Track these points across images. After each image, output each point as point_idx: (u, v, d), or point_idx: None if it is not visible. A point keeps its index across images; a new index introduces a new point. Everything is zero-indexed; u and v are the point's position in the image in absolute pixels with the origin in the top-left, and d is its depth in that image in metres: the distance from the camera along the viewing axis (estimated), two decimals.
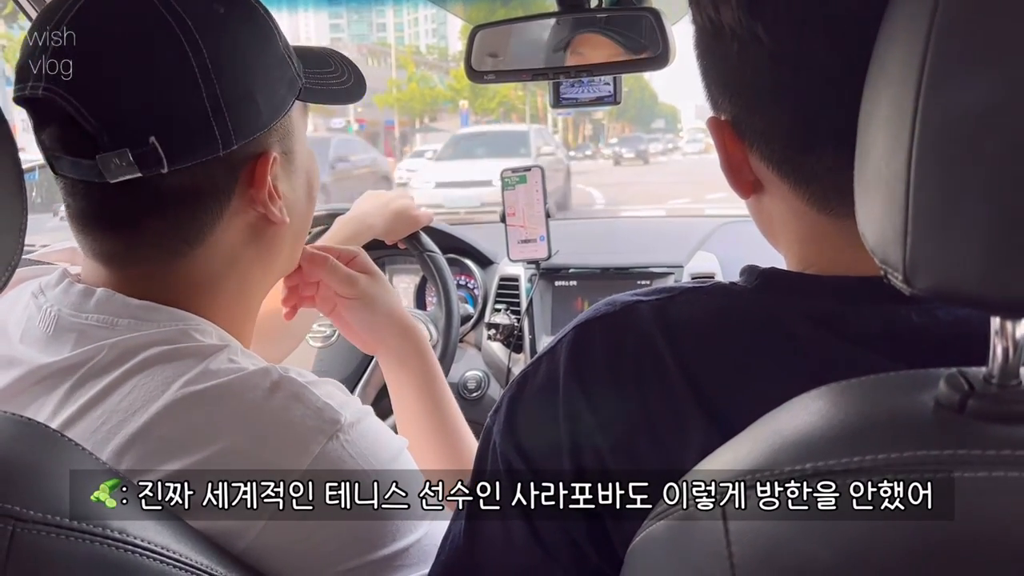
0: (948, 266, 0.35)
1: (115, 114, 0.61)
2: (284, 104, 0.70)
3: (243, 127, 0.65)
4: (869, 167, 0.39)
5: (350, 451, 0.62)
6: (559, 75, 1.18)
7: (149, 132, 0.61)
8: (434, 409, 0.92)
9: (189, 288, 0.68)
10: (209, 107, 0.63)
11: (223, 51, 0.64)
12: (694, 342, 0.52)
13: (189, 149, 0.63)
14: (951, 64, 0.34)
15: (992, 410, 0.35)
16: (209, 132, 0.63)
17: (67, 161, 0.63)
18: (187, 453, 0.58)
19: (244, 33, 0.67)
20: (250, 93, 0.66)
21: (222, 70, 0.63)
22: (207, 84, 0.63)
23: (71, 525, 0.45)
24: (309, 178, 0.77)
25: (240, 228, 0.70)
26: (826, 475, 0.35)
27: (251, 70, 0.66)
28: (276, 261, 0.76)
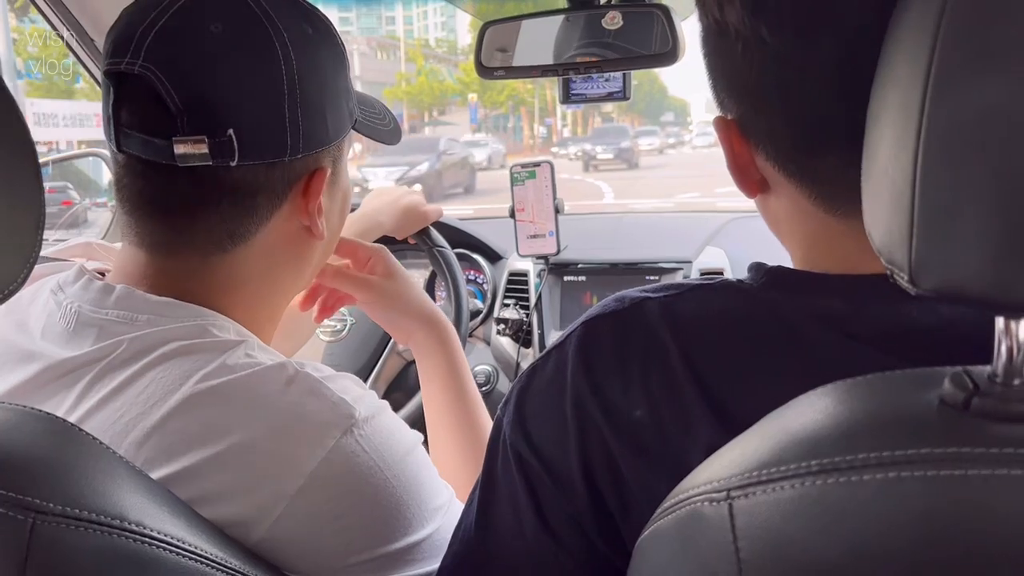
0: (954, 266, 0.35)
1: (202, 101, 0.64)
2: (344, 128, 0.74)
3: (311, 139, 0.69)
4: (876, 167, 0.40)
5: (364, 446, 0.63)
6: (568, 71, 1.18)
7: (229, 125, 0.64)
8: (457, 401, 0.94)
9: (220, 286, 0.70)
10: (288, 114, 0.67)
11: (308, 67, 0.68)
12: (701, 339, 0.52)
13: (260, 148, 0.66)
14: (958, 65, 0.34)
15: (996, 409, 0.35)
16: (282, 137, 0.67)
17: (138, 139, 0.64)
18: (204, 446, 0.59)
19: (325, 56, 0.71)
20: (322, 110, 0.70)
21: (306, 84, 0.67)
22: (291, 93, 0.67)
23: (90, 518, 0.46)
24: (345, 198, 0.80)
25: (282, 234, 0.72)
26: (832, 472, 0.36)
27: (327, 90, 0.71)
28: (306, 271, 0.79)
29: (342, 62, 0.74)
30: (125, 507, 0.48)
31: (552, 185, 1.54)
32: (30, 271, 0.47)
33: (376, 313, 0.97)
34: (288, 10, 0.68)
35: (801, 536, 0.36)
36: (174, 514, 0.52)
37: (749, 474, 0.38)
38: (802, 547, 0.36)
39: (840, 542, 0.35)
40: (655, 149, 29.75)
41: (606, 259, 1.62)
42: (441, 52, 50.08)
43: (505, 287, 1.65)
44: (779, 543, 0.37)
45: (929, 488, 0.34)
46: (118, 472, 0.51)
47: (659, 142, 31.19)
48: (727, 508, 0.38)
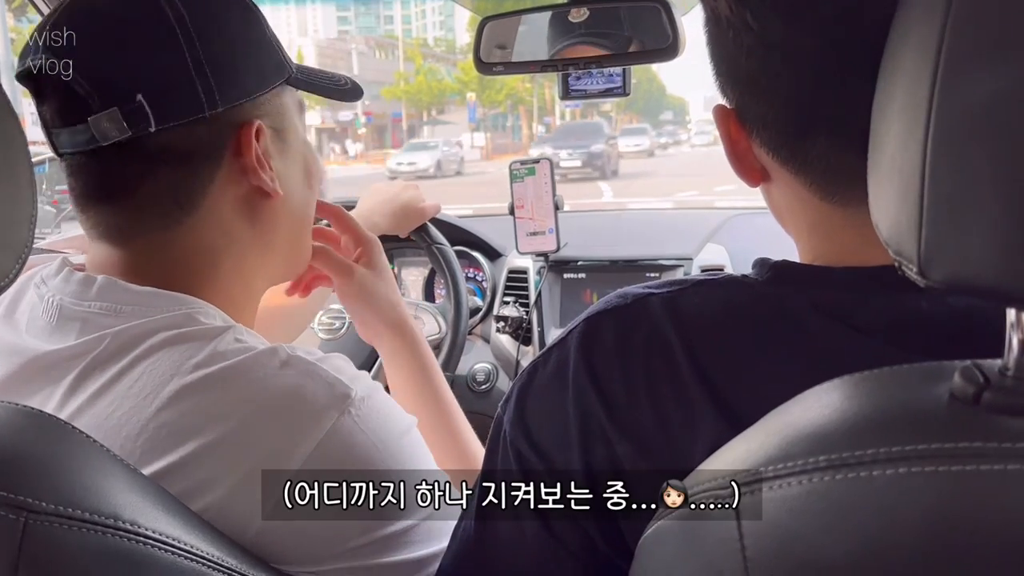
0: (963, 258, 0.34)
1: (103, 75, 0.65)
2: (269, 81, 0.73)
3: (226, 91, 0.68)
4: (883, 158, 0.39)
5: (361, 426, 0.62)
6: (568, 67, 1.18)
7: (136, 91, 0.64)
8: (432, 406, 0.93)
9: (188, 264, 0.69)
10: (192, 68, 0.66)
11: (207, 19, 0.68)
12: (705, 335, 0.52)
13: (175, 108, 0.66)
14: (967, 54, 0.34)
15: (1007, 403, 0.35)
16: (193, 92, 0.66)
17: (65, 134, 0.66)
18: (201, 434, 0.59)
19: (228, 10, 0.71)
20: (233, 62, 0.69)
21: (204, 36, 0.67)
22: (190, 47, 0.66)
23: (83, 516, 0.45)
24: (307, 165, 0.79)
25: (234, 198, 0.71)
26: (840, 468, 0.35)
27: (234, 42, 0.70)
28: (275, 241, 0.76)
29: (252, 16, 0.73)
30: (119, 505, 0.47)
31: (552, 182, 1.54)
32: (22, 267, 0.46)
33: (349, 302, 0.95)
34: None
35: (808, 532, 0.35)
36: (169, 512, 0.51)
37: (755, 470, 0.37)
38: (809, 544, 0.35)
39: (848, 538, 0.35)
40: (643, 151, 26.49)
41: (606, 256, 1.62)
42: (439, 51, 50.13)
43: (505, 284, 1.65)
44: (786, 540, 0.36)
45: (938, 483, 0.34)
46: (111, 470, 0.50)
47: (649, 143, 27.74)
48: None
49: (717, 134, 0.60)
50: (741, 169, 0.58)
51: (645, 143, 27.45)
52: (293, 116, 0.77)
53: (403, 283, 1.78)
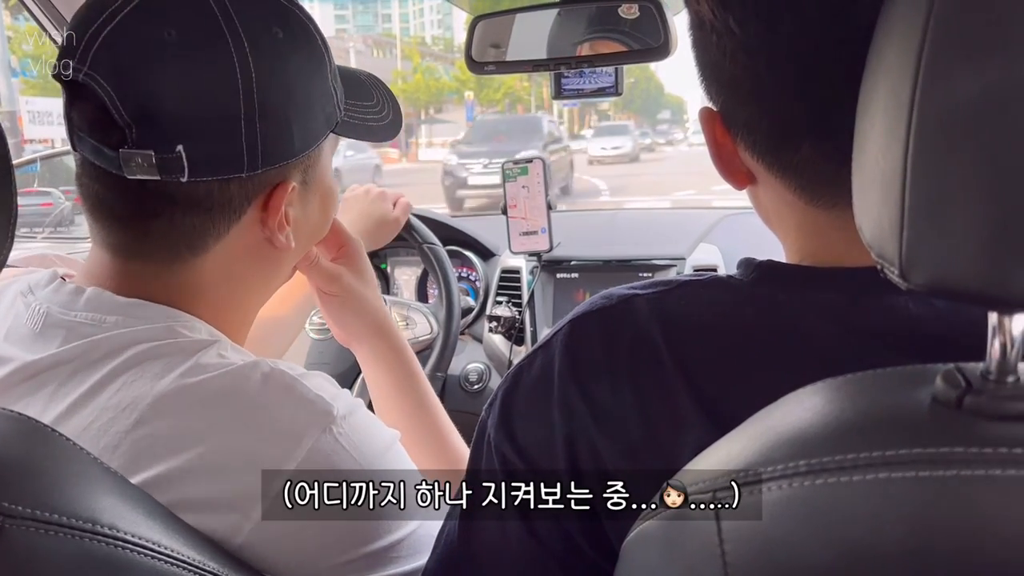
0: (945, 261, 0.34)
1: (149, 115, 0.60)
2: (317, 137, 0.70)
3: (271, 155, 0.65)
4: (866, 160, 0.39)
5: (343, 443, 0.62)
6: (560, 66, 1.17)
7: (178, 140, 0.61)
8: (416, 408, 0.91)
9: (184, 291, 0.68)
10: (244, 130, 0.63)
11: (272, 77, 0.64)
12: (690, 336, 0.52)
13: (213, 165, 0.63)
14: (948, 55, 0.33)
15: (989, 407, 0.35)
16: (237, 154, 0.63)
17: (90, 144, 0.62)
18: (180, 449, 0.58)
19: (296, 60, 0.67)
20: (288, 123, 0.66)
21: (267, 94, 0.63)
22: (248, 107, 0.62)
23: (61, 521, 0.45)
24: (324, 200, 0.77)
25: (244, 246, 0.69)
26: (820, 472, 0.35)
27: (294, 101, 0.66)
28: (276, 278, 0.77)
29: (318, 67, 0.69)
30: (98, 510, 0.47)
31: (545, 182, 1.53)
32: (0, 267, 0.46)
33: (331, 307, 0.91)
34: (256, 11, 0.64)
35: (789, 538, 0.35)
36: (150, 517, 0.51)
37: (736, 474, 0.37)
38: (790, 549, 0.35)
39: (829, 544, 0.34)
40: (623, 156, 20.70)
41: (599, 256, 1.62)
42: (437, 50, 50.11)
43: (497, 284, 1.65)
44: (766, 545, 0.36)
45: (921, 489, 0.33)
46: (91, 474, 0.50)
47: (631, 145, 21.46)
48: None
49: None
50: (727, 172, 0.58)
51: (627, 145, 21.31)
52: (325, 159, 0.75)
53: (395, 283, 1.77)
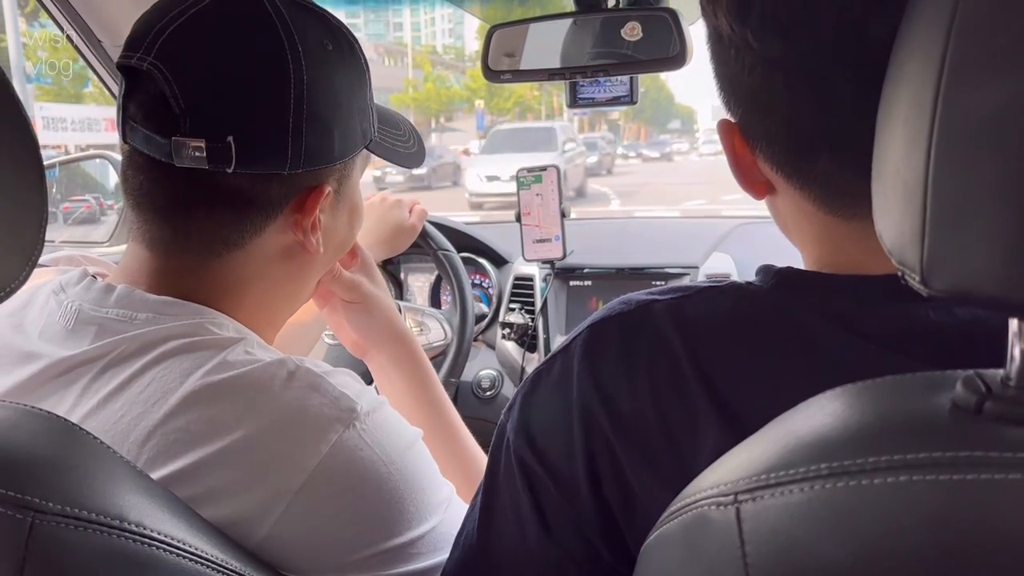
0: (966, 267, 0.34)
1: (206, 106, 0.64)
2: (354, 147, 0.74)
3: (313, 156, 0.69)
4: (887, 167, 0.39)
5: (367, 440, 0.62)
6: (575, 75, 1.18)
7: (229, 132, 0.64)
8: (431, 413, 0.92)
9: (217, 288, 0.70)
10: (291, 128, 0.66)
11: (320, 83, 0.68)
12: (709, 341, 0.52)
13: (259, 159, 0.66)
14: (971, 63, 0.34)
15: (1009, 412, 0.35)
16: (282, 151, 0.67)
17: (142, 134, 0.66)
18: (206, 443, 0.59)
19: (342, 73, 0.71)
20: (330, 128, 0.70)
21: (315, 99, 0.67)
22: (298, 108, 0.66)
23: (89, 518, 0.45)
24: (352, 213, 0.80)
25: (277, 246, 0.72)
26: (841, 475, 0.35)
27: (338, 109, 0.71)
28: (306, 283, 0.79)
29: (361, 82, 0.74)
30: (125, 507, 0.48)
31: (559, 190, 1.54)
32: (31, 270, 0.47)
33: (352, 317, 0.92)
34: (310, 24, 0.69)
35: (809, 540, 0.35)
36: (174, 515, 0.52)
37: (757, 477, 0.37)
38: (810, 551, 0.35)
39: (849, 546, 0.34)
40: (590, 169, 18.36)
41: (612, 264, 1.62)
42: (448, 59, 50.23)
43: (511, 291, 1.65)
44: (787, 547, 0.36)
45: (940, 492, 0.33)
46: (118, 472, 0.51)
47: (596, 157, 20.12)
48: (734, 512, 0.37)
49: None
50: (746, 183, 0.58)
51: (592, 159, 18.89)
52: (356, 174, 0.78)
53: (409, 289, 1.78)
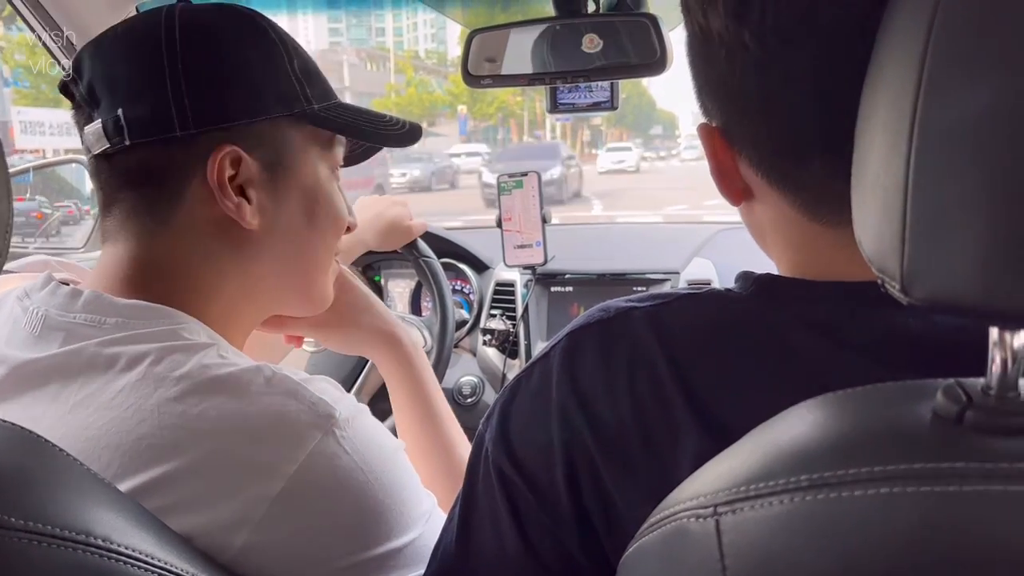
0: (947, 275, 0.34)
1: (96, 90, 0.69)
2: (263, 111, 0.71)
3: (204, 115, 0.68)
4: (867, 174, 0.39)
5: (346, 447, 0.61)
6: (556, 80, 1.18)
7: (118, 106, 0.67)
8: (424, 418, 0.92)
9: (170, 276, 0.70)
10: (170, 88, 0.67)
11: (198, 41, 0.69)
12: (689, 350, 0.51)
13: (147, 125, 0.67)
14: (950, 69, 0.33)
15: (990, 422, 0.34)
16: (166, 111, 0.67)
17: (86, 142, 0.70)
18: (182, 451, 0.58)
19: (231, 33, 0.72)
20: (218, 86, 0.69)
21: (193, 59, 0.68)
22: (172, 67, 0.68)
23: (54, 533, 0.44)
24: (310, 204, 0.76)
25: (205, 219, 0.70)
26: (821, 487, 0.35)
27: (226, 66, 0.70)
28: (260, 272, 0.75)
29: (264, 47, 0.72)
30: (91, 521, 0.46)
31: (539, 195, 1.53)
32: None
33: (325, 340, 0.95)
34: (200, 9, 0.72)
35: (790, 553, 0.35)
36: (143, 528, 0.50)
37: (737, 489, 0.37)
38: (791, 565, 0.35)
39: (830, 560, 0.34)
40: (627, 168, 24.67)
41: (593, 270, 1.62)
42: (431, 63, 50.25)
43: (492, 297, 1.65)
44: (767, 560, 0.35)
45: (922, 504, 0.33)
46: (84, 485, 0.49)
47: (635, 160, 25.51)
48: (714, 524, 0.37)
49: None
50: (725, 188, 0.58)
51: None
52: (302, 153, 0.75)
53: (389, 295, 1.77)
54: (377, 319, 0.94)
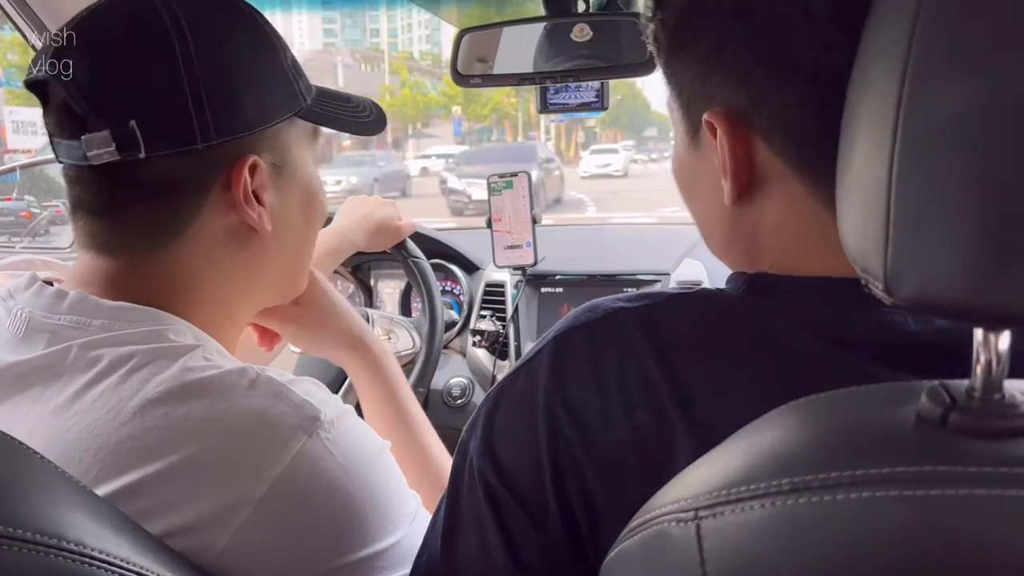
0: (930, 275, 0.34)
1: (100, 98, 0.64)
2: (273, 115, 0.71)
3: (223, 125, 0.66)
4: (850, 172, 0.38)
5: (331, 449, 0.61)
6: (546, 80, 1.17)
7: (130, 116, 0.63)
8: (398, 424, 0.92)
9: (168, 284, 0.68)
10: (190, 100, 0.65)
11: (213, 49, 0.66)
12: (680, 350, 0.50)
13: (166, 137, 0.65)
14: (934, 67, 0.33)
15: (974, 425, 0.34)
16: (187, 123, 0.65)
17: (63, 146, 0.66)
18: (164, 454, 0.57)
19: (239, 38, 0.69)
20: (236, 94, 0.67)
21: (209, 66, 0.66)
22: (190, 76, 0.65)
23: (25, 537, 0.43)
24: (307, 199, 0.77)
25: (220, 229, 0.70)
26: (803, 491, 0.34)
27: (242, 73, 0.68)
28: (263, 272, 0.75)
29: (266, 47, 0.71)
30: (64, 525, 0.46)
31: (530, 195, 1.53)
32: None
33: (302, 344, 0.96)
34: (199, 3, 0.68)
35: (771, 558, 0.34)
36: (119, 532, 0.50)
37: (718, 492, 0.36)
38: (772, 569, 0.34)
39: (812, 564, 0.34)
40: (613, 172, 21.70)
41: (584, 270, 1.61)
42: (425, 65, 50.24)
43: (481, 298, 1.64)
44: (748, 565, 0.35)
45: (905, 508, 0.33)
46: (57, 488, 0.49)
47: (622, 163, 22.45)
48: (694, 528, 0.36)
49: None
50: (734, 182, 0.53)
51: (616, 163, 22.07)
52: (299, 149, 0.76)
53: (379, 296, 1.76)
54: (344, 322, 0.94)
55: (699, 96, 0.54)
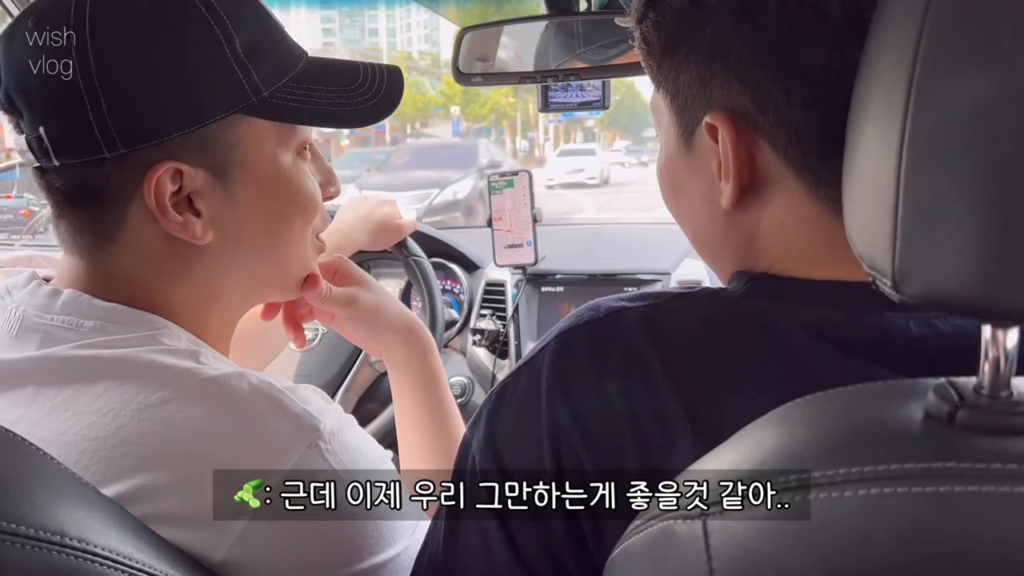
0: (938, 272, 0.34)
1: (14, 101, 0.63)
2: (207, 114, 0.64)
3: (131, 134, 0.61)
4: (857, 169, 0.38)
5: (330, 460, 0.60)
6: (547, 79, 1.17)
7: (40, 123, 0.61)
8: (433, 412, 0.90)
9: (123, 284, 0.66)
10: (89, 107, 0.60)
11: (118, 49, 0.61)
12: (683, 350, 0.50)
13: (72, 147, 0.61)
14: (942, 64, 0.33)
15: (982, 422, 0.34)
16: (89, 134, 0.60)
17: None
18: (160, 463, 0.57)
19: (156, 33, 0.62)
20: (146, 96, 0.62)
21: (111, 72, 0.60)
22: (88, 86, 0.60)
23: (27, 533, 0.43)
24: (277, 198, 0.70)
25: (154, 236, 0.65)
26: (811, 487, 0.34)
27: (158, 73, 0.62)
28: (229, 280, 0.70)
29: (196, 38, 0.63)
30: (67, 522, 0.45)
31: (530, 194, 1.53)
32: None
33: (354, 329, 0.89)
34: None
35: (779, 555, 0.34)
36: (121, 530, 0.49)
37: (725, 488, 0.36)
38: (779, 566, 0.34)
39: (820, 561, 0.34)
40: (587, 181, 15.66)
41: (584, 270, 1.61)
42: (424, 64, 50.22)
43: (482, 297, 1.64)
44: (755, 562, 0.35)
45: (913, 505, 0.33)
46: (61, 484, 0.48)
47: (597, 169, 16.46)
48: (701, 526, 0.36)
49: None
50: (737, 184, 0.53)
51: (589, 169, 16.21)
52: (259, 145, 0.68)
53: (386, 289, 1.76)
54: (400, 307, 0.93)
55: (697, 98, 0.54)
